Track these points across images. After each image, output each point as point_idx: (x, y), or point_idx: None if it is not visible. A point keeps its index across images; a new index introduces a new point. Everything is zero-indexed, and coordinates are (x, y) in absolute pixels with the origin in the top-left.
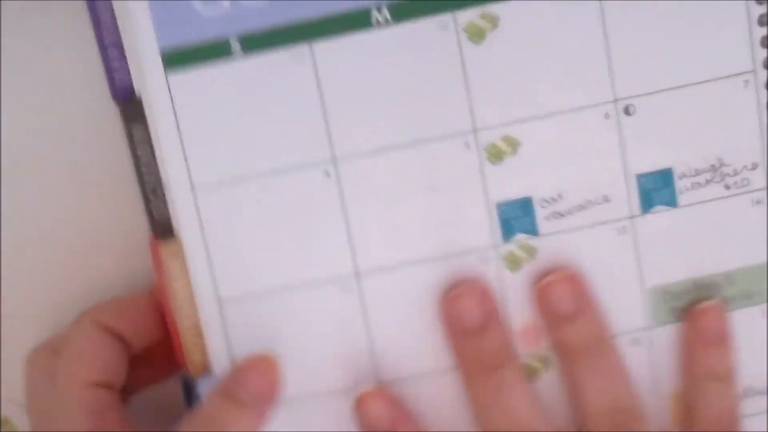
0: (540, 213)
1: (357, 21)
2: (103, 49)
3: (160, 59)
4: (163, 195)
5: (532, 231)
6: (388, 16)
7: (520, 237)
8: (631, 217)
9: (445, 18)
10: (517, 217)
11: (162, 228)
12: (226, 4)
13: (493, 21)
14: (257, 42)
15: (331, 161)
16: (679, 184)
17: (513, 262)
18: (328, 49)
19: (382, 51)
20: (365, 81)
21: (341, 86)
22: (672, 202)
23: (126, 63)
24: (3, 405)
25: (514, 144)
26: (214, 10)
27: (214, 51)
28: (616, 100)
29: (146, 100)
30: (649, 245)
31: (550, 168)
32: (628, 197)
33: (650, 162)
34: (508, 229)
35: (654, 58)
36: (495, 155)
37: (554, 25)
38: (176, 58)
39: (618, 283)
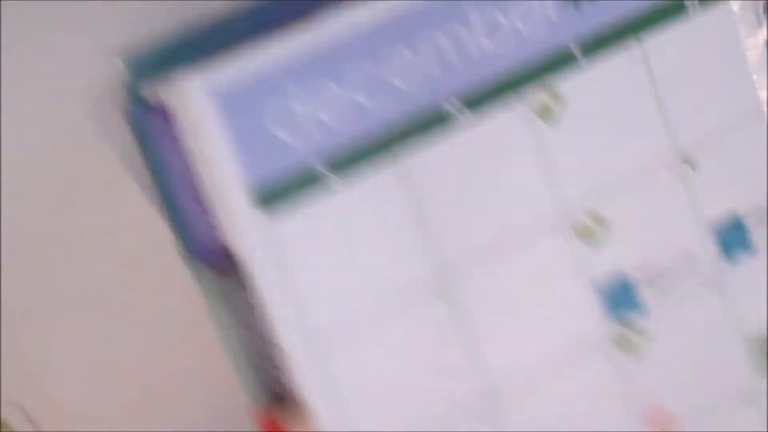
0: (636, 284)
1: (437, 121)
2: (173, 206)
3: (254, 204)
4: (272, 360)
5: (634, 306)
6: (464, 109)
7: (624, 315)
8: (717, 270)
9: (516, 100)
10: (616, 294)
11: (276, 395)
12: (311, 128)
13: (559, 98)
14: (346, 163)
15: (440, 276)
16: (749, 224)
17: (623, 344)
18: (418, 157)
19: (464, 148)
20: (455, 183)
21: (436, 193)
22: (748, 246)
23: (206, 217)
24: (3, 406)
25: (600, 220)
26: (298, 138)
27: (304, 181)
28: (679, 154)
29: (244, 252)
30: (739, 295)
31: (637, 236)
32: (710, 250)
33: (720, 209)
34: (612, 309)
35: (703, 104)
36: (586, 234)
37: (610, 91)
38: (269, 198)
39: (718, 341)
